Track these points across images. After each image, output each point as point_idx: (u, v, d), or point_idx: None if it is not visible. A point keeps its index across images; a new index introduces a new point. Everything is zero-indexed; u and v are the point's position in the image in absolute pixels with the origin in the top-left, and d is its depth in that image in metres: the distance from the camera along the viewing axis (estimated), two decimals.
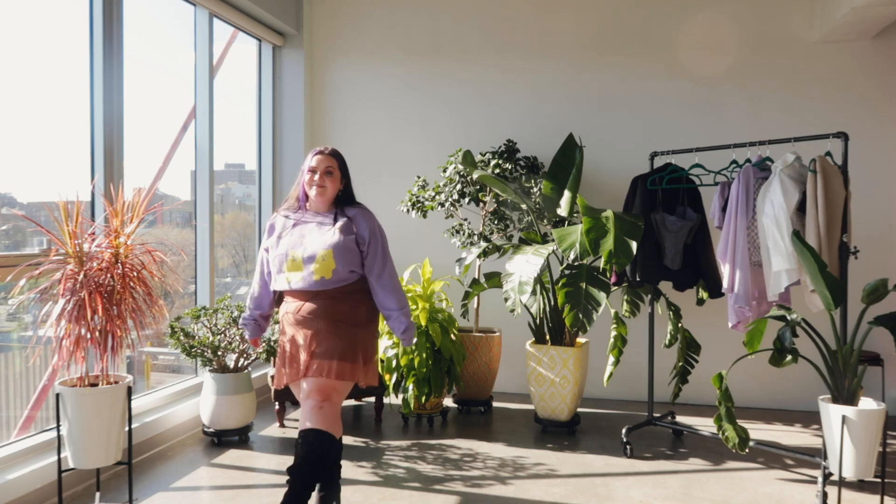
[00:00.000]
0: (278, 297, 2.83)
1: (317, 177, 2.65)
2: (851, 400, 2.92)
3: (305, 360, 2.57)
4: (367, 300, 2.70)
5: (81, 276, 2.76)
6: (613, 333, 3.84)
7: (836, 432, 2.85)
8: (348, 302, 2.64)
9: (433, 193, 4.60)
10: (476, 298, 4.60)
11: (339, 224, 2.64)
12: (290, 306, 2.67)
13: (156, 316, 2.96)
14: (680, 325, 3.93)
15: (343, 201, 2.73)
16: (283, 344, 2.68)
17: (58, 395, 2.77)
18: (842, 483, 2.91)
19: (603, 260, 3.40)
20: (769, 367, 4.06)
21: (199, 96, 4.38)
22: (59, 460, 2.81)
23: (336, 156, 2.70)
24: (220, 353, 3.76)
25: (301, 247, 2.62)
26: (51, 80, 3.48)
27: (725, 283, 3.47)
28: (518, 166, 4.63)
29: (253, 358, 3.88)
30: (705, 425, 4.06)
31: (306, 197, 2.71)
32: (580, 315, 3.54)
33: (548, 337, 4.16)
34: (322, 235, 2.62)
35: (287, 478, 2.51)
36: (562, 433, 4.05)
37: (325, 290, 2.60)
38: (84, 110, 3.49)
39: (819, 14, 4.43)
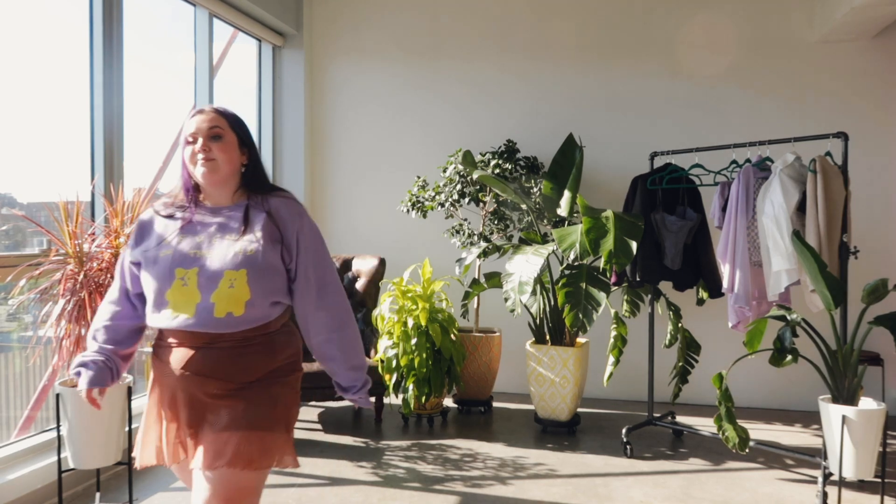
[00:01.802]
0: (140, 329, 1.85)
1: (198, 146, 1.72)
2: (851, 400, 2.93)
3: (189, 435, 1.71)
4: (291, 340, 1.82)
5: (81, 276, 2.76)
6: (613, 333, 3.84)
7: (836, 432, 2.85)
8: (263, 349, 1.73)
9: (433, 193, 4.60)
10: (476, 298, 4.60)
11: (256, 224, 1.73)
12: (169, 353, 1.72)
13: None
14: (680, 325, 3.93)
15: (254, 185, 1.81)
16: (153, 402, 1.79)
17: (58, 396, 2.77)
18: (842, 483, 2.91)
19: (603, 260, 3.40)
20: (769, 367, 4.06)
21: (199, 96, 4.38)
22: (59, 460, 2.81)
23: (225, 114, 1.78)
24: None
25: (195, 262, 1.68)
26: (51, 79, 3.48)
27: (725, 283, 3.47)
28: (518, 166, 4.63)
29: None
30: (705, 425, 4.06)
31: (194, 185, 1.79)
32: (580, 315, 3.55)
33: (548, 337, 4.16)
34: (230, 245, 1.70)
35: None
36: (562, 433, 4.05)
37: (229, 332, 1.68)
38: (84, 110, 3.48)
39: (819, 14, 4.42)
